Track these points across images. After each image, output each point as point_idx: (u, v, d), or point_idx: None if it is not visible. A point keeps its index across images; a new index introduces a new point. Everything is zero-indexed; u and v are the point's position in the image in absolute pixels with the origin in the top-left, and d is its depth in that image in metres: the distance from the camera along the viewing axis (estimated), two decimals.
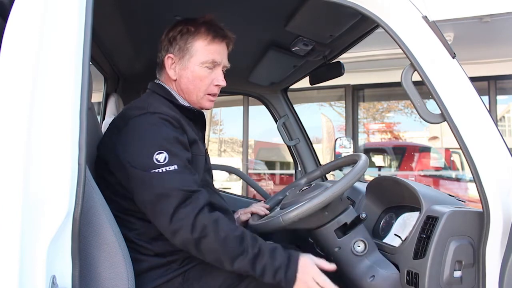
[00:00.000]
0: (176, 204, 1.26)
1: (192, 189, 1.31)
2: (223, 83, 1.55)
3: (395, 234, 1.63)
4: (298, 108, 2.91)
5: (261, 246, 1.33)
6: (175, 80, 1.55)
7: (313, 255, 1.42)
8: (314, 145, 2.78)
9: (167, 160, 1.29)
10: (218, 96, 1.63)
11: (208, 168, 1.61)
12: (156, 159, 1.29)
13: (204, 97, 1.55)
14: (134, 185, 1.32)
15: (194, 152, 1.45)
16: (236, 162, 8.83)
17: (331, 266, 1.39)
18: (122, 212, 1.39)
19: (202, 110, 1.62)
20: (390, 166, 7.72)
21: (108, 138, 1.46)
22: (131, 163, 1.31)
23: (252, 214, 1.86)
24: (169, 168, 1.29)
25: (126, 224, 1.38)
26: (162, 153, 1.30)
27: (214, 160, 1.68)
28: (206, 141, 1.62)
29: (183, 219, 1.26)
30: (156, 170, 1.28)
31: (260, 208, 1.87)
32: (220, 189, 2.06)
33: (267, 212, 1.86)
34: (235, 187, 7.76)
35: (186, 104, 1.56)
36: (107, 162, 1.40)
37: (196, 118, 1.58)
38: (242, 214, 1.86)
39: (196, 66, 1.52)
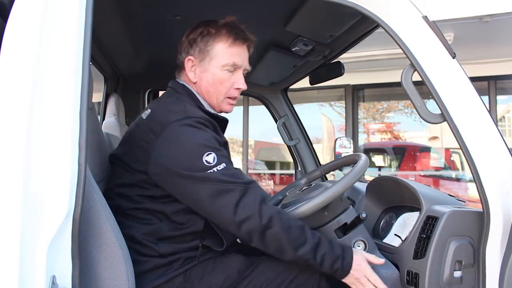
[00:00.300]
0: (238, 197, 1.30)
1: (246, 180, 1.34)
2: (243, 86, 1.54)
3: (395, 234, 1.63)
4: (298, 108, 2.91)
5: (320, 236, 1.38)
6: (195, 83, 1.55)
7: None
8: (314, 145, 2.78)
9: (216, 160, 1.32)
10: None
11: None
12: (206, 161, 1.31)
13: (224, 100, 1.54)
14: (188, 188, 1.33)
15: None
16: (236, 162, 8.83)
17: (381, 261, 1.42)
18: (140, 210, 1.40)
19: (227, 117, 1.61)
20: (390, 166, 7.72)
21: (139, 140, 1.42)
22: (181, 167, 1.32)
23: None
24: (220, 167, 1.32)
25: (141, 222, 1.40)
26: (211, 154, 1.32)
27: None
28: None
29: (249, 209, 1.29)
30: (209, 171, 1.31)
31: None
32: None
33: None
34: None
35: (211, 110, 1.55)
36: (138, 164, 1.40)
37: (221, 125, 1.57)
38: None
39: (216, 69, 1.51)
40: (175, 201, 1.39)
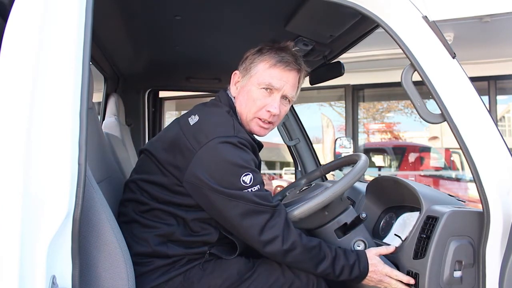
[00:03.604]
0: (267, 219, 1.35)
1: (274, 204, 1.39)
2: (274, 110, 1.50)
3: (395, 234, 1.62)
4: (298, 108, 2.90)
5: (336, 249, 1.44)
6: (235, 97, 1.57)
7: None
8: (314, 145, 2.78)
9: (252, 181, 1.36)
10: None
11: None
12: (243, 181, 1.35)
13: (253, 120, 1.53)
14: (220, 203, 1.36)
15: None
16: None
17: (391, 249, 1.50)
18: (161, 211, 1.42)
19: (262, 143, 1.61)
20: (390, 166, 7.71)
21: (181, 143, 1.41)
22: (217, 183, 1.35)
23: None
24: (254, 188, 1.36)
25: (161, 221, 1.41)
26: (248, 174, 1.36)
27: None
28: None
29: (274, 232, 1.35)
30: (245, 191, 1.35)
31: None
32: None
33: None
34: None
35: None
36: (171, 164, 1.41)
37: (257, 149, 1.55)
38: None
39: (253, 87, 1.51)
40: (198, 210, 1.41)
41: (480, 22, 4.98)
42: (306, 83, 2.45)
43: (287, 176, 8.72)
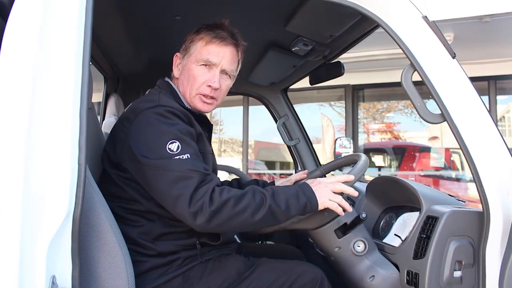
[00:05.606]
0: (196, 184, 1.27)
1: (206, 172, 1.32)
2: (215, 84, 1.52)
3: (395, 234, 1.63)
4: (298, 108, 2.91)
5: (273, 187, 1.37)
6: (178, 78, 1.59)
7: (313, 255, 1.42)
8: (314, 145, 2.78)
9: (180, 149, 1.31)
10: None
11: (215, 169, 1.62)
12: (169, 148, 1.31)
13: (196, 96, 1.55)
14: (149, 176, 1.32)
15: (201, 149, 1.45)
16: (236, 162, 8.83)
17: (350, 177, 1.47)
18: (128, 212, 1.40)
19: (205, 114, 1.62)
20: (390, 166, 7.71)
21: (118, 132, 1.46)
22: (145, 153, 1.33)
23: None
24: (183, 156, 1.31)
25: (131, 223, 1.40)
26: (175, 142, 1.32)
27: None
28: None
29: (201, 197, 1.26)
30: (173, 158, 1.30)
31: (301, 175, 1.87)
32: None
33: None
34: None
35: (189, 107, 1.57)
36: (118, 157, 1.41)
37: (199, 120, 1.57)
38: (285, 182, 1.83)
39: (192, 64, 1.54)
40: None
41: (480, 22, 4.99)
42: (306, 83, 2.46)
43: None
